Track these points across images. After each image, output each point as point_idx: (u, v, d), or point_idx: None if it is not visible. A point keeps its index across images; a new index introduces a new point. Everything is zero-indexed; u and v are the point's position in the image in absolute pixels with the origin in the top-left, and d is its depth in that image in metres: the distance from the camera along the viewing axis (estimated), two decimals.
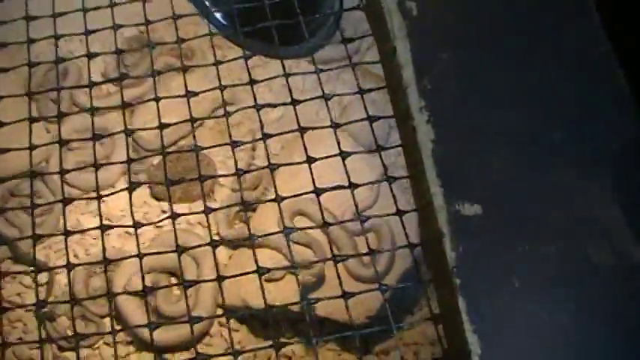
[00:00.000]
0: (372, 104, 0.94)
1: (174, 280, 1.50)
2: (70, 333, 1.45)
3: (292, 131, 0.88)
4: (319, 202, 0.85)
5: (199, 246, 0.86)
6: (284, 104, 0.90)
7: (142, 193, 1.59)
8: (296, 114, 0.87)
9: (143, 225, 0.87)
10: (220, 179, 1.60)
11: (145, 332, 1.41)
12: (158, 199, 1.58)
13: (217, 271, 0.83)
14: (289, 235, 0.83)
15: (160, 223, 1.54)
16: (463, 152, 0.78)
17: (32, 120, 0.94)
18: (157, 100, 0.93)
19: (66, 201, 0.88)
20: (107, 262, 0.85)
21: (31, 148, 0.93)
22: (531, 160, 0.78)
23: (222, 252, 1.54)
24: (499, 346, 0.73)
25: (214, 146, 0.95)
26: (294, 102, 0.88)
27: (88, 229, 0.93)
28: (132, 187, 0.87)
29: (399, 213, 0.82)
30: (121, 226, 1.06)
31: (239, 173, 0.88)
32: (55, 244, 1.51)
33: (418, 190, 0.80)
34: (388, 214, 0.83)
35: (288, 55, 1.37)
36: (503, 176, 0.78)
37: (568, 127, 0.79)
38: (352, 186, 0.84)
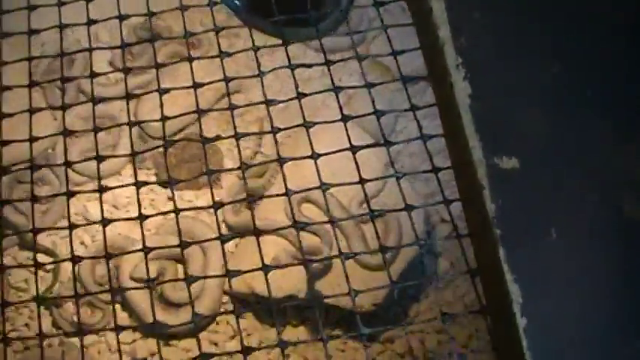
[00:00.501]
0: (377, 94, 0.96)
1: (180, 268, 1.49)
2: (75, 319, 1.43)
3: (298, 126, 0.90)
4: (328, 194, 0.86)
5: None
6: (290, 100, 0.93)
7: (148, 180, 1.57)
8: (301, 107, 0.89)
9: (148, 217, 0.89)
10: (227, 166, 1.59)
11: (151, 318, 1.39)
12: (164, 187, 1.57)
13: (225, 262, 0.84)
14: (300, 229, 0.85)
15: (166, 211, 1.53)
16: (500, 107, 0.80)
17: (34, 111, 0.95)
18: (161, 92, 0.95)
19: (70, 193, 0.89)
20: (109, 257, 0.87)
21: (31, 140, 0.95)
22: (566, 115, 0.80)
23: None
24: (539, 296, 0.74)
25: (220, 138, 0.97)
26: (300, 95, 0.90)
27: (90, 223, 0.95)
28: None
29: (435, 170, 0.83)
30: (125, 219, 1.02)
31: (243, 168, 0.89)
32: (61, 231, 1.49)
33: (455, 146, 0.82)
34: (423, 171, 0.84)
35: (324, 29, 1.37)
36: (539, 131, 0.79)
37: (604, 84, 0.81)
38: (362, 181, 0.86)
